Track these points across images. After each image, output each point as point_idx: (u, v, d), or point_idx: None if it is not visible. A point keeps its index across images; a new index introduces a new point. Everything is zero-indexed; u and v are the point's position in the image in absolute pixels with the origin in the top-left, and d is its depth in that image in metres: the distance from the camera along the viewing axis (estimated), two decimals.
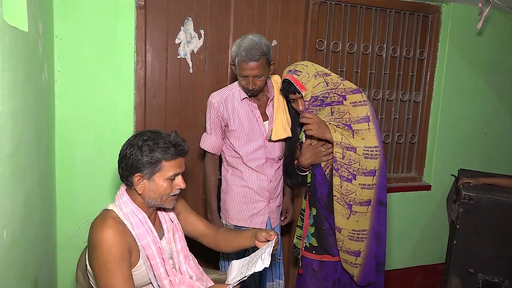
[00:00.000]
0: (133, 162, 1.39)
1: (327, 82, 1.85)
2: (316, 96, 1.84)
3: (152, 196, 1.43)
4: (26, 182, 1.46)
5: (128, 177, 1.42)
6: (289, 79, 1.83)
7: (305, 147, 1.97)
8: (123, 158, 1.42)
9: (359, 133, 1.85)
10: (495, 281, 2.39)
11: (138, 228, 1.43)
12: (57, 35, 2.06)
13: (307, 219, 2.04)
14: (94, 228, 1.38)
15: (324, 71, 1.89)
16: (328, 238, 1.98)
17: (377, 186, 1.86)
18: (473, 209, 2.41)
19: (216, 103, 2.00)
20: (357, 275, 1.95)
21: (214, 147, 2.07)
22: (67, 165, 2.16)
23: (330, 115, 1.88)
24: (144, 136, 1.42)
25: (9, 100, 1.22)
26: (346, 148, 1.84)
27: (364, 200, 1.87)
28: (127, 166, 1.40)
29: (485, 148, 3.15)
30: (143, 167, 1.39)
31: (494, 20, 2.97)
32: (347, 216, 1.88)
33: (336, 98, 1.85)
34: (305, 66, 1.87)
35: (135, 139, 1.42)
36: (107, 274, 1.33)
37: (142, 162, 1.38)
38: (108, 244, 1.33)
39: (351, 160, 1.84)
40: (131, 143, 1.42)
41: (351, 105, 1.86)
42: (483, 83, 3.06)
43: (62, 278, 2.21)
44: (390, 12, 2.79)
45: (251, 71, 1.86)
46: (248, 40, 1.85)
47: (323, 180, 1.95)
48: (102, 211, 1.46)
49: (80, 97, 2.15)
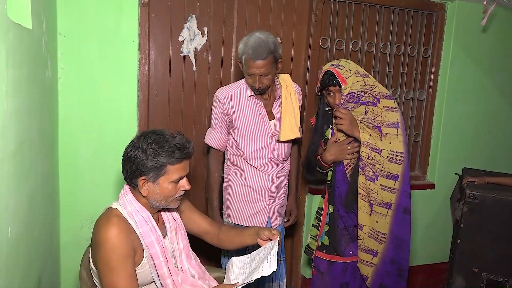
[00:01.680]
0: (138, 166, 1.38)
1: (365, 82, 1.90)
2: (353, 93, 1.88)
3: (157, 198, 1.43)
4: (30, 180, 1.46)
5: (132, 179, 1.42)
6: (332, 71, 1.87)
7: (330, 143, 1.99)
8: (127, 161, 1.41)
9: (387, 137, 1.87)
10: (499, 280, 2.38)
11: (142, 227, 1.42)
12: (60, 33, 2.06)
13: (324, 218, 2.04)
14: (98, 226, 1.38)
15: (364, 72, 1.94)
16: (340, 238, 1.99)
17: (399, 192, 1.88)
18: (478, 208, 2.40)
19: (222, 98, 1.99)
20: (371, 276, 1.95)
21: (218, 142, 2.05)
22: (71, 163, 2.16)
23: (364, 114, 1.90)
24: (148, 139, 1.40)
25: (13, 98, 1.22)
26: (372, 149, 1.87)
27: (384, 201, 1.88)
28: (132, 169, 1.40)
29: (490, 146, 3.14)
30: (148, 171, 1.38)
31: (499, 18, 2.95)
32: (369, 213, 1.91)
33: (371, 99, 1.89)
34: (348, 63, 1.92)
35: (140, 141, 1.40)
36: (111, 272, 1.33)
37: (146, 166, 1.37)
38: (112, 242, 1.33)
39: (375, 161, 1.87)
40: (135, 146, 1.40)
41: (384, 108, 1.89)
42: (488, 81, 3.04)
43: (65, 276, 2.21)
44: (395, 9, 2.78)
45: (257, 70, 1.84)
46: (255, 38, 1.82)
47: (343, 178, 1.97)
48: (106, 209, 1.46)
49: (84, 95, 2.14)
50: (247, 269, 1.47)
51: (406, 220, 1.91)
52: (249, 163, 2.03)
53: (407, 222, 1.91)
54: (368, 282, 1.97)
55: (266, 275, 1.36)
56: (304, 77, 2.62)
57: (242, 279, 1.42)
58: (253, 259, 1.49)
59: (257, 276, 1.36)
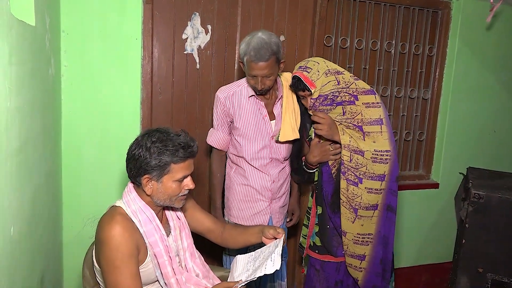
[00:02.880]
0: (141, 164, 1.37)
1: (339, 80, 1.80)
2: (325, 95, 1.79)
3: (161, 197, 1.42)
4: (33, 178, 1.45)
5: (136, 177, 1.41)
6: (298, 76, 1.79)
7: (313, 144, 1.94)
8: (131, 159, 1.40)
9: (370, 136, 1.79)
10: (504, 281, 2.36)
11: (146, 226, 1.41)
12: (63, 30, 2.05)
13: (313, 218, 2.02)
14: (102, 224, 1.37)
15: (337, 68, 1.84)
16: (331, 238, 1.96)
17: (385, 191, 1.82)
18: (483, 208, 2.38)
19: (223, 98, 1.97)
20: (362, 279, 1.92)
21: (220, 143, 2.04)
22: (73, 160, 2.15)
23: (342, 115, 1.82)
24: (152, 137, 1.39)
25: (17, 95, 1.21)
26: (354, 151, 1.80)
27: (370, 204, 1.83)
28: (135, 167, 1.39)
29: (494, 146, 3.11)
30: (152, 169, 1.37)
31: (505, 16, 2.92)
32: (352, 220, 1.85)
33: (347, 98, 1.80)
34: (316, 63, 1.81)
35: (144, 140, 1.39)
36: (115, 271, 1.32)
37: (150, 164, 1.36)
38: (116, 240, 1.32)
39: (358, 164, 1.80)
40: (139, 144, 1.40)
41: (364, 106, 1.80)
42: (493, 80, 3.02)
43: (68, 274, 2.20)
44: (399, 7, 2.75)
45: (260, 71, 1.81)
46: (257, 39, 1.79)
47: (329, 179, 1.92)
48: (110, 208, 1.45)
49: (87, 93, 2.13)
50: (251, 266, 1.46)
51: (390, 217, 1.86)
52: (250, 164, 2.01)
53: (391, 220, 1.87)
54: (360, 284, 1.94)
55: (269, 273, 1.35)
56: None
57: (245, 277, 1.42)
58: (257, 257, 1.48)
59: (260, 273, 1.35)
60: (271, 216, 2.07)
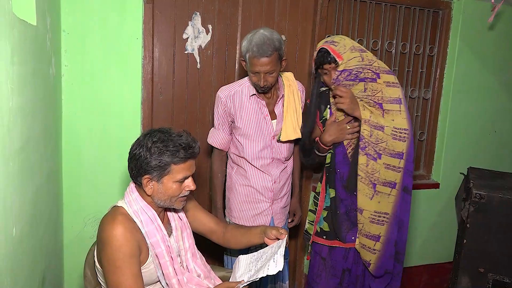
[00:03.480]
0: (142, 164, 1.37)
1: (363, 57, 1.82)
2: (350, 70, 1.80)
3: (162, 198, 1.42)
4: (34, 179, 1.45)
5: (137, 177, 1.41)
6: (326, 48, 1.81)
7: (328, 123, 1.93)
8: (132, 158, 1.40)
9: (389, 113, 1.81)
10: (505, 281, 2.36)
11: (148, 226, 1.41)
12: (64, 30, 2.04)
13: (322, 202, 1.98)
14: (104, 224, 1.37)
15: (361, 47, 1.87)
16: (342, 223, 1.93)
17: (403, 170, 1.82)
18: (484, 208, 2.38)
19: (223, 97, 1.96)
20: (374, 263, 1.90)
21: (221, 142, 2.03)
22: (74, 160, 2.15)
23: (363, 91, 1.83)
24: (153, 137, 1.38)
25: (19, 95, 1.21)
26: (374, 127, 1.81)
27: (387, 180, 1.83)
28: (136, 167, 1.38)
29: (495, 146, 3.11)
30: (152, 169, 1.36)
31: (506, 17, 2.92)
32: (370, 196, 1.84)
33: (369, 75, 1.82)
34: (342, 38, 1.86)
35: (145, 139, 1.39)
36: (117, 271, 1.32)
37: (150, 165, 1.36)
38: (118, 241, 1.32)
39: (378, 139, 1.81)
40: (140, 144, 1.39)
41: (385, 84, 1.82)
42: (493, 80, 3.02)
43: (69, 274, 2.20)
44: (400, 7, 2.75)
45: (262, 67, 1.80)
46: (259, 35, 1.79)
47: (344, 159, 1.91)
48: (112, 208, 1.44)
49: (87, 92, 2.13)
50: (253, 267, 1.45)
51: (406, 199, 1.86)
52: (251, 164, 2.00)
53: (407, 202, 1.87)
54: (371, 269, 1.91)
55: (271, 274, 1.34)
56: (309, 75, 2.60)
57: (247, 277, 1.41)
58: (260, 257, 1.48)
59: (263, 274, 1.35)
60: (273, 217, 2.06)
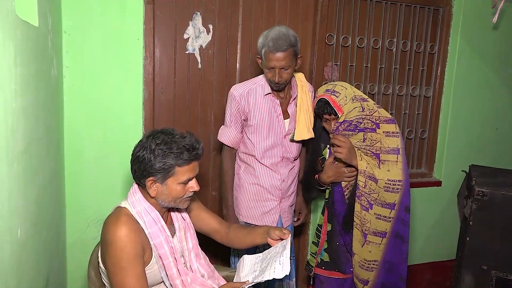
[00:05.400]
0: (146, 167, 1.36)
1: (363, 107, 1.84)
2: (350, 121, 1.82)
3: (166, 199, 1.41)
4: (38, 180, 1.45)
5: (140, 179, 1.40)
6: (326, 99, 1.81)
7: (327, 164, 1.95)
8: (135, 160, 1.39)
9: (385, 164, 1.83)
10: (509, 278, 2.36)
11: (151, 227, 1.41)
12: (65, 31, 2.04)
13: (324, 235, 2.02)
14: (108, 225, 1.36)
15: (362, 96, 1.88)
16: (341, 254, 1.98)
17: (394, 219, 1.85)
18: (487, 206, 2.38)
19: (238, 95, 1.96)
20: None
21: (232, 140, 2.03)
22: (76, 161, 2.15)
23: (362, 141, 1.86)
24: (157, 139, 1.38)
25: (21, 96, 1.20)
26: (368, 177, 1.83)
27: (378, 230, 1.86)
28: (140, 169, 1.38)
29: (496, 143, 3.11)
30: (156, 172, 1.36)
31: (507, 14, 2.92)
32: (362, 244, 1.88)
33: (369, 125, 1.84)
34: (344, 88, 1.85)
35: (148, 141, 1.38)
36: (121, 272, 1.32)
37: (154, 167, 1.35)
38: (122, 242, 1.32)
39: (371, 190, 1.83)
40: (143, 145, 1.38)
41: (384, 134, 1.84)
42: (495, 77, 3.01)
43: (72, 275, 2.20)
44: (401, 5, 2.75)
45: (278, 62, 1.81)
46: (275, 31, 1.81)
47: (342, 199, 1.94)
48: (115, 208, 1.44)
49: (89, 93, 2.12)
50: (258, 267, 1.45)
51: (397, 244, 1.88)
52: (260, 162, 2.01)
53: (397, 246, 1.89)
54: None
55: (278, 277, 1.34)
56: (310, 74, 2.60)
57: (252, 278, 1.41)
58: (264, 258, 1.48)
59: (269, 277, 1.34)
60: (280, 215, 2.07)
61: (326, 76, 2.67)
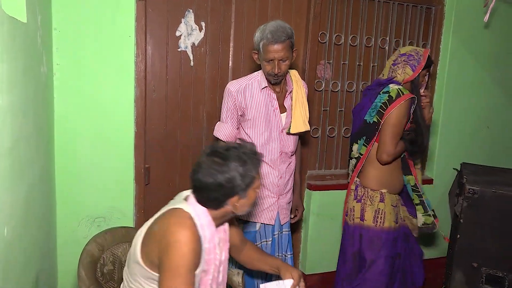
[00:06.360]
0: (233, 189, 1.34)
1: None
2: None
3: (245, 209, 1.42)
4: (26, 178, 1.43)
5: (221, 203, 1.37)
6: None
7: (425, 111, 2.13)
8: (217, 188, 1.34)
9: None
10: (499, 275, 2.38)
11: (209, 243, 1.39)
12: (55, 27, 2.02)
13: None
14: (175, 226, 1.30)
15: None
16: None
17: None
18: (477, 203, 2.39)
19: (234, 91, 1.98)
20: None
21: (228, 136, 2.04)
22: (67, 159, 2.13)
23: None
24: (231, 158, 1.34)
25: (8, 93, 1.19)
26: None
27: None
28: (223, 194, 1.35)
29: (488, 142, 3.14)
30: (241, 189, 1.35)
31: (499, 13, 2.94)
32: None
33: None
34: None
35: (222, 166, 1.33)
36: (178, 278, 1.26)
37: (241, 186, 1.35)
38: (187, 248, 1.27)
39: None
40: (220, 170, 1.33)
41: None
42: (487, 76, 3.03)
43: (63, 274, 2.18)
44: (393, 4, 2.76)
45: (277, 54, 1.85)
46: (272, 23, 1.87)
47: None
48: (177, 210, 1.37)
49: (80, 91, 2.11)
50: None
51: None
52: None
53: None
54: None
55: None
56: (303, 71, 2.60)
57: None
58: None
59: None
60: (278, 212, 2.08)
61: (319, 74, 2.67)
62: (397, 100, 1.97)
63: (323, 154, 2.81)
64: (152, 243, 1.34)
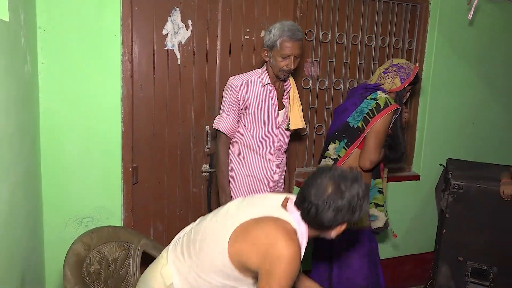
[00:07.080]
0: (352, 210, 1.32)
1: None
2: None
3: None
4: (10, 178, 1.42)
5: (333, 224, 1.34)
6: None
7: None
8: (344, 209, 1.31)
9: None
10: (484, 268, 2.42)
11: (302, 253, 1.37)
12: (40, 26, 2.00)
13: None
14: (284, 240, 1.29)
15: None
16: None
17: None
18: (462, 198, 2.43)
19: (238, 85, 2.04)
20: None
21: (229, 128, 2.08)
22: (53, 159, 2.11)
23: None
24: (342, 181, 1.32)
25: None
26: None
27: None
28: (346, 214, 1.32)
29: (473, 138, 3.18)
30: (350, 218, 1.35)
31: (483, 10, 2.98)
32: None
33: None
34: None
35: (337, 193, 1.31)
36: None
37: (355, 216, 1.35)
38: (295, 264, 1.28)
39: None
40: (337, 193, 1.31)
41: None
42: (472, 73, 3.08)
43: (50, 274, 2.17)
44: (379, 2, 2.78)
45: (295, 50, 1.96)
46: (289, 22, 1.99)
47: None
48: (285, 223, 1.35)
49: (65, 90, 2.09)
50: None
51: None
52: (256, 152, 2.10)
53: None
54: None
55: None
56: None
57: None
58: None
59: None
60: None
61: (306, 72, 2.69)
62: (385, 109, 2.01)
63: (311, 152, 2.83)
64: (248, 245, 1.32)
